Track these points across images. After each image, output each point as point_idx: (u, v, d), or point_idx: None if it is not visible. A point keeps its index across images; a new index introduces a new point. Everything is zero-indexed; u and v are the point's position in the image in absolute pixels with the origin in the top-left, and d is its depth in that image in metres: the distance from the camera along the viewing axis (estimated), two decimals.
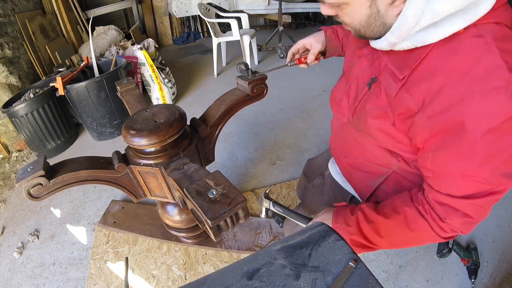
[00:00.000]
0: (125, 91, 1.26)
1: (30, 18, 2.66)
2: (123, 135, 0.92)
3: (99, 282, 1.29)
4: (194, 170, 0.84)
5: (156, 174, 0.95)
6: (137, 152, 0.98)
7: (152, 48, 2.79)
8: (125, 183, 1.04)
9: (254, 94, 1.08)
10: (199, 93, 3.03)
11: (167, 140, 0.91)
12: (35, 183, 0.85)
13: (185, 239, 1.39)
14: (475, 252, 1.26)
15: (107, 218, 1.57)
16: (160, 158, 0.94)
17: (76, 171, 0.91)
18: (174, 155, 0.95)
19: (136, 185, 1.06)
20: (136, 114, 0.99)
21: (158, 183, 0.99)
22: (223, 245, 1.37)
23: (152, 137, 0.88)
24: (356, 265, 0.46)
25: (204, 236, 1.39)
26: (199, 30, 5.13)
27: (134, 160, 0.98)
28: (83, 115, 2.21)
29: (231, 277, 0.47)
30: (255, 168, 1.91)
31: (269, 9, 4.00)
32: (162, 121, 0.92)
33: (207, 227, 0.68)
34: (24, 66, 2.52)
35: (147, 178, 1.01)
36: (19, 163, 2.20)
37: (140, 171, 0.98)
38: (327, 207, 0.92)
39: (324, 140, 2.13)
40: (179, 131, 0.94)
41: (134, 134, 0.89)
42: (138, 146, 0.91)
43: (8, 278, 1.35)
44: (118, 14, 4.44)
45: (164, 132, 0.89)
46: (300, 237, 0.52)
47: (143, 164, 0.95)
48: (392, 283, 1.23)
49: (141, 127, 0.91)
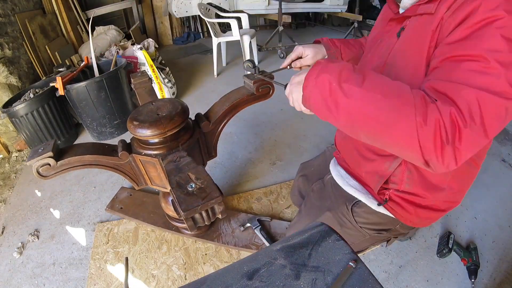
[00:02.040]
0: (139, 83, 1.33)
1: (30, 18, 2.66)
2: (127, 125, 0.99)
3: (99, 282, 1.29)
4: (186, 163, 0.88)
5: (155, 164, 1.01)
6: (140, 142, 1.04)
7: (152, 48, 2.79)
8: (127, 170, 1.10)
9: (259, 94, 1.10)
10: (199, 93, 3.03)
11: (167, 133, 0.96)
12: (44, 163, 0.93)
13: (185, 231, 1.42)
14: (475, 252, 1.26)
15: (115, 204, 1.65)
16: (160, 149, 0.99)
17: (82, 155, 0.99)
18: (173, 147, 1.00)
19: (138, 173, 1.12)
20: (143, 106, 1.06)
21: (157, 173, 1.05)
22: (220, 240, 1.39)
23: (153, 129, 0.93)
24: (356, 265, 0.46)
25: (203, 229, 1.42)
26: (199, 30, 5.13)
27: (136, 150, 1.04)
28: (83, 115, 2.21)
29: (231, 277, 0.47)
30: (255, 168, 1.91)
31: (269, 9, 4.00)
32: (164, 115, 0.97)
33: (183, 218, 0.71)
34: (24, 66, 2.51)
35: (148, 168, 1.06)
36: (19, 163, 2.20)
37: (141, 160, 1.04)
38: (328, 213, 0.91)
39: (324, 140, 2.13)
40: (180, 125, 0.98)
41: (137, 125, 0.95)
42: (139, 137, 0.97)
43: (8, 278, 1.35)
44: (118, 14, 4.43)
45: (164, 125, 0.94)
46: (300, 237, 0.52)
47: (144, 154, 1.01)
48: (392, 283, 1.23)
49: (144, 119, 0.96)
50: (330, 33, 4.98)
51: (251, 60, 0.94)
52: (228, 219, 1.50)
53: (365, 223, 0.86)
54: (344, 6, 4.28)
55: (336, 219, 0.89)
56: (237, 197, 1.67)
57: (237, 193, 1.71)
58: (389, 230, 0.88)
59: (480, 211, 1.52)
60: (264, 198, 1.66)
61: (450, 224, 1.46)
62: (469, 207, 1.54)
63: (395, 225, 0.86)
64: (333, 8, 4.30)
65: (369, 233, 0.88)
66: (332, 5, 4.25)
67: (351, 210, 0.86)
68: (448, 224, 1.46)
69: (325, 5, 4.26)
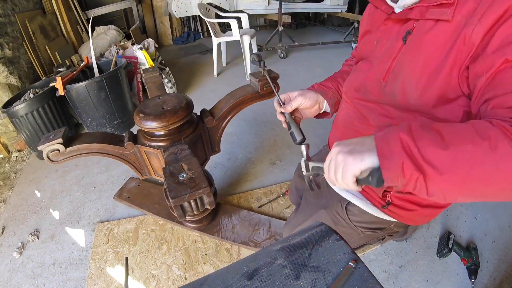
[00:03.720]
0: (149, 78, 1.38)
1: (30, 18, 2.66)
2: (134, 117, 1.03)
3: (99, 282, 1.29)
4: (184, 155, 0.91)
5: (158, 155, 1.05)
6: (146, 134, 1.08)
7: (152, 48, 2.79)
8: (132, 160, 1.15)
9: (264, 92, 1.12)
10: (199, 93, 3.03)
11: (170, 126, 0.99)
12: (54, 149, 0.99)
13: (187, 223, 1.45)
14: (475, 252, 1.26)
15: (123, 193, 1.72)
16: (164, 141, 1.03)
17: (90, 143, 1.03)
18: (176, 140, 1.04)
19: (142, 164, 1.16)
20: (150, 100, 1.10)
21: (160, 164, 1.09)
22: (220, 235, 1.41)
23: (157, 122, 0.97)
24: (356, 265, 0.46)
25: (204, 223, 1.45)
26: (199, 30, 5.13)
27: (142, 141, 1.08)
28: (83, 115, 2.21)
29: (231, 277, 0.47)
30: (255, 168, 1.91)
31: (269, 9, 4.00)
32: (168, 108, 1.01)
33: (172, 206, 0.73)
34: (24, 66, 2.51)
35: (151, 158, 1.11)
36: (19, 163, 2.20)
37: (145, 151, 1.09)
38: (323, 211, 0.91)
39: (324, 140, 2.13)
40: (183, 119, 1.02)
41: (142, 117, 0.99)
42: (144, 128, 1.02)
43: (8, 278, 1.35)
44: (118, 14, 4.43)
45: (168, 118, 0.98)
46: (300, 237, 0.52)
47: (148, 145, 1.05)
48: (392, 283, 1.23)
49: (150, 111, 1.01)
50: (330, 33, 4.98)
51: (258, 54, 0.93)
52: (230, 215, 1.51)
53: (359, 222, 0.87)
54: (344, 6, 4.28)
55: (330, 217, 0.90)
56: (237, 197, 1.67)
57: (237, 193, 1.71)
58: (383, 229, 0.88)
59: (480, 211, 1.52)
60: (264, 198, 1.66)
61: (450, 224, 1.46)
62: (469, 207, 1.54)
63: (389, 224, 0.86)
64: (333, 8, 4.30)
65: (363, 231, 0.88)
66: (332, 5, 4.25)
67: (346, 208, 0.87)
68: (448, 224, 1.46)
69: (325, 5, 4.27)
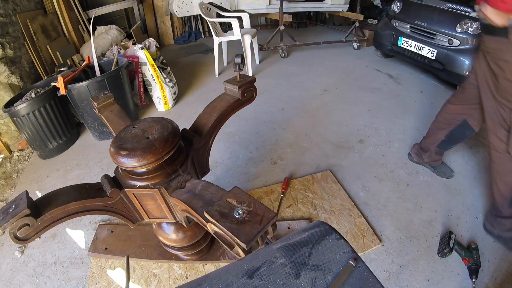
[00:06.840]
0: (103, 106, 1.14)
1: (31, 18, 2.67)
2: (112, 157, 0.82)
3: (100, 281, 1.29)
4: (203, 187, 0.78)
5: (154, 195, 0.87)
6: (130, 174, 0.88)
7: (153, 48, 2.79)
8: (120, 209, 0.95)
9: (245, 98, 1.04)
10: (200, 93, 3.03)
11: (164, 157, 0.83)
12: (22, 224, 0.73)
13: (186, 257, 1.29)
14: (476, 251, 1.26)
15: (97, 245, 1.42)
16: (157, 177, 0.86)
17: (65, 204, 0.81)
18: (172, 172, 0.87)
19: (132, 210, 0.97)
20: (123, 132, 0.89)
21: (157, 204, 0.91)
22: (226, 257, 1.30)
23: (147, 156, 0.79)
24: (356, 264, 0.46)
25: (204, 251, 1.30)
26: (200, 30, 5.13)
27: (127, 183, 0.88)
28: (85, 114, 2.22)
29: (232, 276, 0.47)
30: (256, 167, 1.91)
31: (270, 8, 4.00)
32: (155, 137, 0.84)
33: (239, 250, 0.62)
34: (26, 66, 2.52)
35: (144, 201, 0.92)
36: (21, 162, 2.21)
37: (136, 194, 0.89)
38: None
39: (325, 140, 2.13)
40: (175, 146, 0.86)
41: (126, 155, 0.79)
42: (132, 168, 0.82)
43: (10, 277, 1.35)
44: (119, 14, 4.44)
45: (160, 149, 0.81)
46: (300, 236, 0.52)
47: (138, 187, 0.86)
48: (393, 282, 1.23)
49: (133, 146, 0.82)
50: (331, 32, 4.97)
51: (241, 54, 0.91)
52: None
53: None
54: (345, 6, 4.27)
55: None
56: None
57: None
58: None
59: (481, 210, 1.51)
60: (265, 197, 1.66)
61: (451, 223, 1.46)
62: (470, 207, 1.54)
63: None
64: (334, 7, 4.30)
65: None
66: (333, 5, 4.24)
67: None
68: (449, 223, 1.46)
69: (326, 4, 4.26)
